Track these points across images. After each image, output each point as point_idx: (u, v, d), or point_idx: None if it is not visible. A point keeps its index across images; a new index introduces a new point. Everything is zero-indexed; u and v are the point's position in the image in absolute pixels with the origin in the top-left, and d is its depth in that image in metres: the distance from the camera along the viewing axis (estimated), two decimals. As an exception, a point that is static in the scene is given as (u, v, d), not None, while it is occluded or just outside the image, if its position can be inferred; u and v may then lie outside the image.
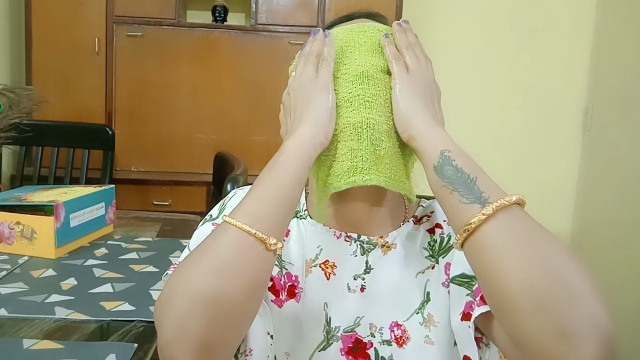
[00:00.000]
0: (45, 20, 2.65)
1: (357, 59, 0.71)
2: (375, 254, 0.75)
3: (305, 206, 0.81)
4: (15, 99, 1.67)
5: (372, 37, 0.73)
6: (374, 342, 0.72)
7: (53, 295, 1.04)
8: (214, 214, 0.80)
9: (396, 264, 0.75)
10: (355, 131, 0.67)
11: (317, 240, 0.77)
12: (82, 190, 1.39)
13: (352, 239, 0.76)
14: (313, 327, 0.73)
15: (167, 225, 1.58)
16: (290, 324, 0.73)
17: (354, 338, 0.72)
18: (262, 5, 2.74)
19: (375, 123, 0.67)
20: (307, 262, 0.76)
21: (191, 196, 2.64)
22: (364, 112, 0.68)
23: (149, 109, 2.76)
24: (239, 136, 2.77)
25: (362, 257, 0.75)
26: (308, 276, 0.75)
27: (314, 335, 0.73)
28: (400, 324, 0.73)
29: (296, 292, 0.74)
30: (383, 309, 0.73)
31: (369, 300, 0.74)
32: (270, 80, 2.72)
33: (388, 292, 0.74)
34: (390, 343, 0.72)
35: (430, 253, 0.75)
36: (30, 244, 1.24)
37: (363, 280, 0.75)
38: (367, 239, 0.76)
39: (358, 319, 0.73)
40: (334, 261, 0.75)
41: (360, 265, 0.75)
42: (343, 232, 0.76)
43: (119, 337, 0.89)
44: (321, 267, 0.75)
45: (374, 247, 0.76)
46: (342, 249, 0.76)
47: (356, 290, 0.74)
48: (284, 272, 0.75)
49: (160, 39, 2.72)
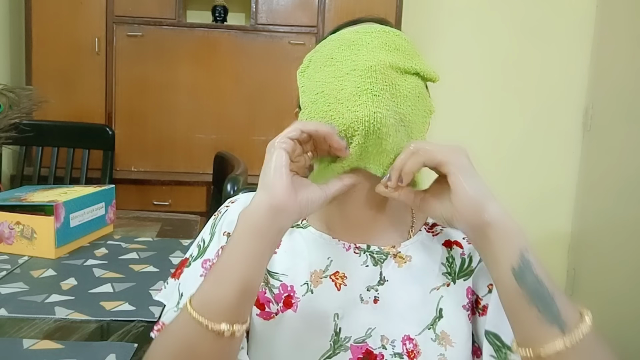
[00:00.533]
0: (45, 20, 2.65)
1: (365, 54, 0.70)
2: (389, 266, 0.75)
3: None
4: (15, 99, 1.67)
5: (379, 37, 0.72)
6: (385, 354, 0.72)
7: (53, 295, 1.04)
8: (206, 238, 0.79)
9: (411, 278, 0.74)
10: (362, 125, 0.67)
11: (327, 252, 0.76)
12: (82, 190, 1.39)
13: (362, 250, 0.75)
14: (318, 336, 0.72)
15: (167, 225, 1.58)
16: (288, 334, 0.72)
17: (364, 349, 0.72)
18: (262, 5, 2.74)
19: (382, 117, 0.67)
20: (315, 272, 0.75)
21: (191, 196, 2.63)
22: (371, 106, 0.67)
23: (149, 109, 2.76)
24: (239, 136, 2.77)
25: (375, 268, 0.75)
26: (317, 287, 0.74)
27: (319, 345, 0.72)
28: (412, 338, 0.72)
29: (292, 302, 0.74)
30: (396, 321, 0.73)
31: (382, 312, 0.73)
32: (270, 80, 2.72)
33: (401, 305, 0.73)
34: (402, 356, 0.72)
35: (448, 270, 0.75)
36: (30, 244, 1.24)
37: (377, 291, 0.74)
38: (377, 249, 0.75)
39: (370, 330, 0.73)
40: (344, 272, 0.75)
41: (374, 277, 0.74)
42: (352, 244, 0.76)
43: (119, 337, 0.89)
44: (331, 278, 0.75)
45: (385, 257, 0.75)
46: (352, 260, 0.75)
47: (369, 302, 0.74)
48: (277, 283, 0.75)
49: (160, 39, 2.72)
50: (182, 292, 0.75)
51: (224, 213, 0.80)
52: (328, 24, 2.72)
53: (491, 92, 3.12)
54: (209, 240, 0.78)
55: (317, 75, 0.73)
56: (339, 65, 0.71)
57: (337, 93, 0.69)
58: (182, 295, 0.75)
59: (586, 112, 3.11)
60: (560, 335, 0.56)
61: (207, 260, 0.77)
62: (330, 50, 0.74)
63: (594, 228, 3.00)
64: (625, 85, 2.79)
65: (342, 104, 0.68)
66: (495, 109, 3.13)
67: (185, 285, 0.76)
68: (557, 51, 3.10)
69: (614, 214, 2.80)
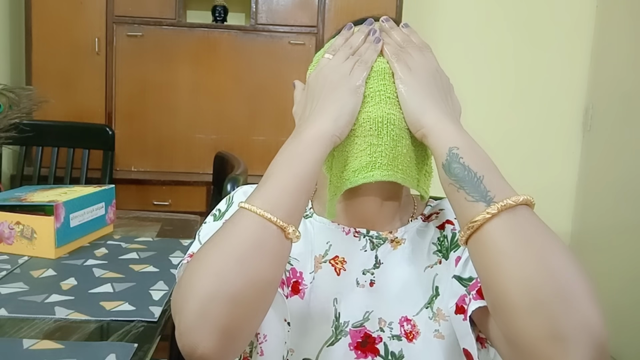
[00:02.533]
0: (45, 20, 2.65)
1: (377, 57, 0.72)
2: (384, 249, 0.76)
3: (310, 204, 0.81)
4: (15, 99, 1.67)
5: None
6: (383, 336, 0.72)
7: (53, 295, 1.04)
8: (222, 208, 0.80)
9: (405, 259, 0.75)
10: (375, 126, 0.67)
11: (326, 237, 0.77)
12: (82, 190, 1.39)
13: (361, 234, 0.76)
14: (321, 322, 0.73)
15: (167, 225, 1.58)
16: (293, 320, 0.72)
17: (363, 333, 0.72)
18: (262, 5, 2.74)
19: (395, 119, 0.67)
20: (316, 257, 0.76)
21: (191, 196, 2.64)
22: (384, 108, 0.67)
23: (149, 109, 2.77)
24: (239, 136, 2.77)
25: (371, 252, 0.76)
26: (317, 272, 0.75)
27: (322, 331, 0.73)
28: (410, 319, 0.73)
29: (300, 288, 0.74)
30: (392, 303, 0.73)
31: (378, 295, 0.74)
32: (270, 80, 2.72)
33: (397, 286, 0.74)
34: (400, 338, 0.72)
35: (439, 248, 0.76)
36: (30, 244, 1.24)
37: (372, 275, 0.75)
38: (376, 234, 0.76)
39: (367, 314, 0.73)
40: (344, 256, 0.76)
41: (370, 260, 0.75)
42: (352, 228, 0.76)
43: (119, 337, 0.89)
44: (331, 263, 0.75)
45: (383, 241, 0.76)
46: (352, 244, 0.76)
47: (365, 285, 0.74)
48: (288, 267, 0.75)
49: (160, 39, 2.72)
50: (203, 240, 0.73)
51: (238, 191, 0.81)
52: (328, 24, 2.72)
53: (491, 92, 3.12)
54: (225, 209, 0.79)
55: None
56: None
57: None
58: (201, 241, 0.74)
59: (586, 112, 3.11)
60: (485, 208, 0.57)
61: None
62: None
63: (594, 228, 3.00)
64: (625, 85, 2.79)
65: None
66: (495, 109, 3.13)
67: (206, 235, 0.74)
68: (557, 51, 3.10)
69: (614, 214, 2.80)
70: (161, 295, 1.05)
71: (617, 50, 2.88)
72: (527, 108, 3.14)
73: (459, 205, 0.61)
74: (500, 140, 3.12)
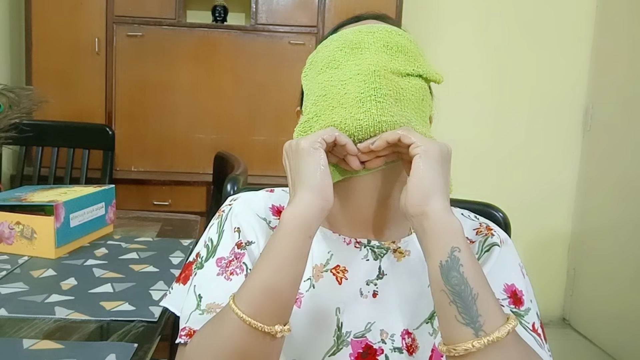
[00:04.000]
0: (45, 20, 2.65)
1: (368, 58, 0.70)
2: (388, 260, 0.75)
3: None
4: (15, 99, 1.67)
5: (381, 38, 0.72)
6: (385, 348, 0.72)
7: (53, 295, 1.04)
8: (214, 238, 0.77)
9: (409, 272, 0.74)
10: (367, 134, 0.67)
11: (327, 246, 0.76)
12: (82, 190, 1.39)
13: (362, 245, 0.75)
14: (323, 332, 0.72)
15: (167, 225, 1.58)
16: (293, 330, 0.72)
17: (364, 344, 0.72)
18: (262, 5, 2.73)
19: (387, 125, 0.67)
20: (316, 267, 0.75)
21: (191, 196, 2.63)
22: (375, 114, 0.67)
23: (149, 109, 2.76)
24: (239, 136, 2.77)
25: (374, 262, 0.75)
26: (318, 281, 0.74)
27: (324, 340, 0.72)
28: (411, 332, 0.72)
29: (297, 298, 0.73)
30: (395, 315, 0.73)
31: (380, 306, 0.73)
32: (270, 80, 2.72)
33: (400, 299, 0.73)
34: (401, 351, 0.71)
35: None
36: (30, 244, 1.24)
37: (375, 285, 0.74)
38: (377, 244, 0.75)
39: (369, 325, 0.73)
40: (345, 266, 0.75)
41: (373, 271, 0.74)
42: (353, 238, 0.76)
43: (119, 337, 0.89)
44: (332, 272, 0.75)
45: (385, 251, 0.75)
46: (353, 254, 0.75)
47: (368, 296, 0.74)
48: None
49: (160, 39, 2.72)
50: (200, 293, 0.73)
51: (228, 212, 0.78)
52: (328, 24, 2.72)
53: (491, 92, 3.12)
54: (217, 239, 0.77)
55: (320, 78, 0.73)
56: (342, 69, 0.71)
57: (341, 97, 0.69)
58: (200, 297, 0.73)
59: (586, 112, 3.11)
60: (473, 338, 0.57)
61: (222, 258, 0.74)
62: (332, 51, 0.73)
63: (594, 228, 3.00)
64: (625, 85, 2.79)
65: (346, 109, 0.68)
66: (495, 109, 3.13)
67: (201, 286, 0.73)
68: (557, 51, 3.10)
69: (614, 214, 2.80)
70: (161, 295, 1.05)
71: (617, 51, 2.88)
72: (527, 108, 3.14)
73: (446, 320, 0.59)
74: (500, 140, 3.12)
